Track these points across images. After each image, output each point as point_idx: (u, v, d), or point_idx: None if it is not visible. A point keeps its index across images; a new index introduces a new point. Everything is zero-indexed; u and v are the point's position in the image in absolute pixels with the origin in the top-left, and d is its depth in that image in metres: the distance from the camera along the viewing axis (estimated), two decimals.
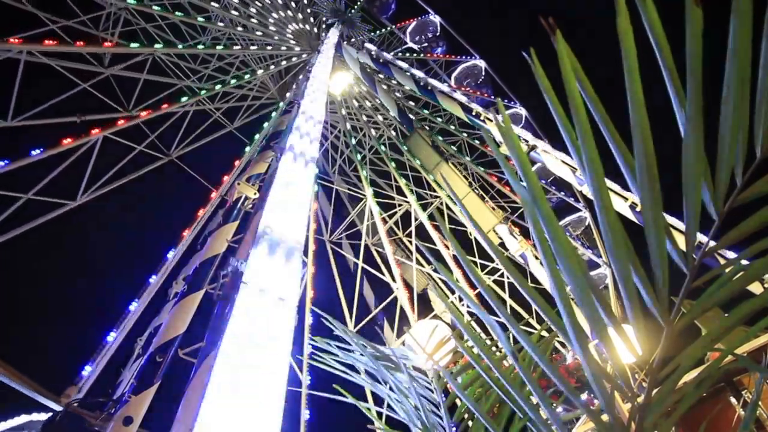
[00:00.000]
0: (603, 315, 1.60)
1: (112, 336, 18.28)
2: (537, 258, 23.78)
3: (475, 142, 31.14)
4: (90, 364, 17.26)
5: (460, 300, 22.48)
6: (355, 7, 32.71)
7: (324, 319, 3.33)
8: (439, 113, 31.81)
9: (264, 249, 11.47)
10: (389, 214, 28.83)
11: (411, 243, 28.20)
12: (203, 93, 25.02)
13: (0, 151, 18.41)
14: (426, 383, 3.04)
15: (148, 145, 23.34)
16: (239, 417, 8.34)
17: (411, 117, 30.58)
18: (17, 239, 18.16)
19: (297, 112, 18.88)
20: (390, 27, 35.73)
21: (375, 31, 35.11)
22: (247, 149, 24.32)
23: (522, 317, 24.40)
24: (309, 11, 31.04)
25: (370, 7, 35.38)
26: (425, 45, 36.01)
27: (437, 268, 2.03)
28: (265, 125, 24.41)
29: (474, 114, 25.97)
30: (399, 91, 31.94)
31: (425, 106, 32.31)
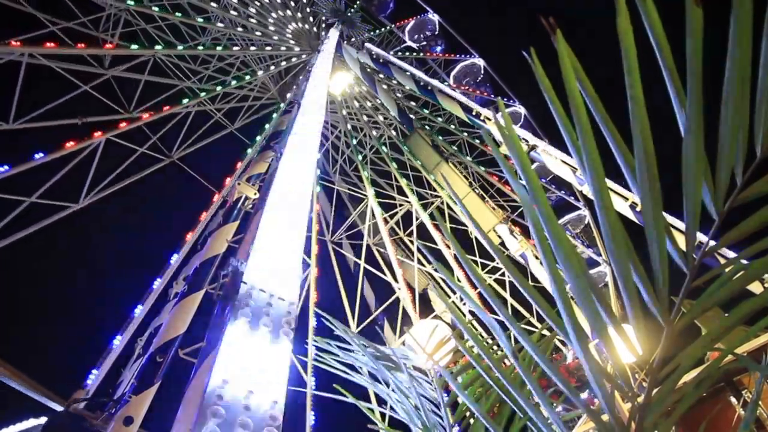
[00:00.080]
0: (603, 315, 1.60)
1: (117, 341, 18.36)
2: (537, 258, 23.78)
3: (476, 141, 31.10)
4: (96, 369, 17.34)
5: (461, 300, 22.46)
6: (354, 7, 32.67)
7: (324, 320, 3.33)
8: (439, 113, 31.78)
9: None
10: (390, 214, 28.83)
11: (412, 243, 28.20)
12: (203, 95, 25.01)
13: (2, 154, 18.44)
14: (426, 383, 3.04)
15: (149, 147, 23.35)
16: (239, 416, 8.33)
17: (411, 117, 30.58)
18: (20, 241, 18.20)
19: (297, 112, 18.89)
20: (390, 26, 35.70)
21: (375, 30, 35.07)
22: (249, 151, 24.33)
23: (523, 316, 24.38)
24: (308, 10, 31.02)
25: (368, 6, 35.35)
26: (424, 44, 35.97)
27: (437, 267, 2.03)
28: (266, 127, 24.42)
29: (474, 114, 25.95)
30: (399, 91, 31.93)
31: (425, 105, 32.28)
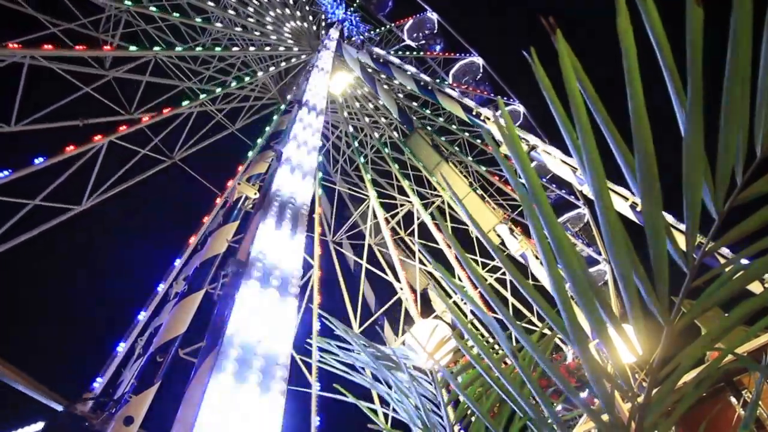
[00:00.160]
0: (603, 315, 1.60)
1: (121, 347, 18.42)
2: (537, 258, 23.78)
3: (477, 142, 31.08)
4: (101, 376, 17.41)
5: (462, 300, 22.43)
6: (354, 6, 32.65)
7: (325, 319, 3.33)
8: (440, 112, 31.76)
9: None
10: (391, 214, 28.81)
11: (412, 242, 28.18)
12: (203, 97, 24.98)
13: (3, 157, 18.46)
14: (427, 383, 3.04)
15: (150, 148, 23.35)
16: (239, 418, 8.35)
17: (411, 117, 30.56)
18: (22, 243, 18.20)
19: (297, 112, 18.89)
20: (389, 25, 35.67)
21: (375, 30, 35.03)
22: (250, 154, 24.35)
23: (524, 315, 24.36)
24: (307, 8, 30.98)
25: (367, 5, 35.31)
26: (423, 42, 35.93)
27: (436, 268, 2.03)
28: (267, 129, 24.45)
29: (474, 114, 25.95)
30: (400, 92, 31.91)
31: (425, 104, 32.26)
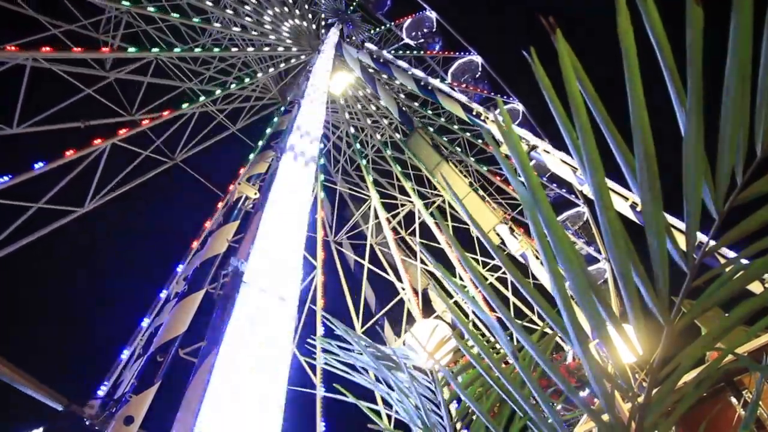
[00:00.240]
0: (603, 314, 1.59)
1: (125, 354, 18.48)
2: (537, 258, 23.76)
3: (478, 142, 31.04)
4: (106, 382, 17.46)
5: (463, 300, 22.41)
6: (353, 5, 32.62)
7: (327, 320, 3.33)
8: (440, 112, 31.73)
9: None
10: (392, 214, 28.80)
11: (413, 242, 28.17)
12: (202, 99, 24.95)
13: (5, 158, 18.46)
14: (427, 383, 3.04)
15: (152, 150, 23.34)
16: (239, 417, 8.34)
17: (411, 117, 30.54)
18: (23, 245, 18.23)
19: (297, 112, 18.89)
20: (388, 24, 35.65)
21: (376, 29, 35.00)
22: (251, 156, 24.33)
23: (525, 314, 24.34)
24: (307, 7, 30.95)
25: (365, 3, 35.27)
26: (421, 41, 35.90)
27: (437, 267, 2.03)
28: (268, 131, 24.45)
29: (474, 113, 25.94)
30: (400, 92, 31.89)
31: (425, 104, 32.23)
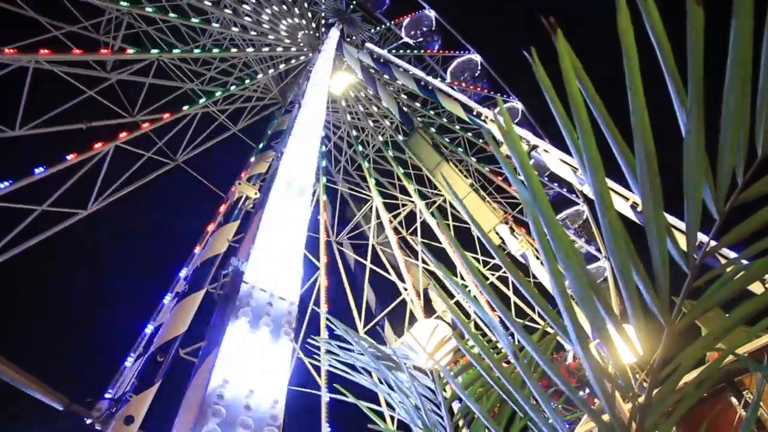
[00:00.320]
0: (604, 314, 1.59)
1: (129, 362, 18.50)
2: (538, 258, 23.75)
3: (479, 141, 31.03)
4: (111, 389, 17.49)
5: (464, 300, 22.39)
6: (353, 4, 32.62)
7: (329, 321, 3.33)
8: (440, 111, 31.72)
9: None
10: (394, 214, 28.79)
11: (414, 242, 28.17)
12: (203, 101, 24.94)
13: (8, 160, 18.49)
14: (427, 383, 3.04)
15: (154, 151, 23.35)
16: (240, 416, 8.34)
17: (411, 117, 30.54)
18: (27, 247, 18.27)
19: (298, 111, 18.91)
20: (387, 24, 35.63)
21: (376, 28, 35.00)
22: (253, 159, 24.31)
23: (525, 313, 24.32)
24: (306, 6, 30.93)
25: (364, 2, 35.25)
26: (420, 40, 35.87)
27: (438, 267, 2.03)
28: (269, 134, 24.46)
29: (475, 114, 25.95)
30: (401, 92, 31.89)
31: (425, 103, 32.23)
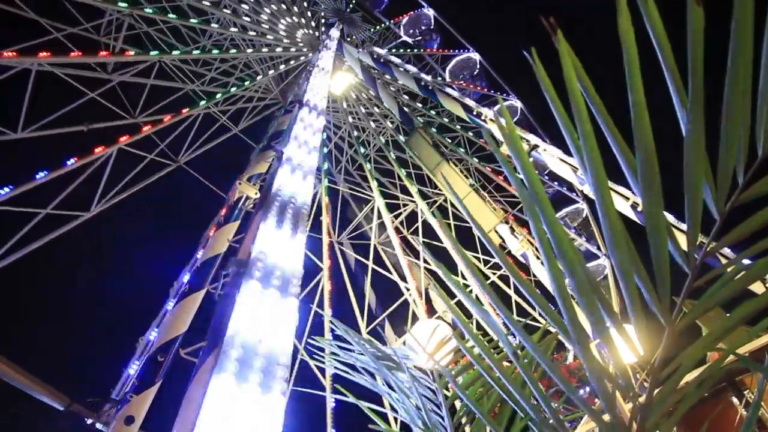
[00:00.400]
0: (604, 314, 1.59)
1: (132, 369, 18.44)
2: (538, 258, 23.73)
3: (479, 141, 31.01)
4: (115, 395, 17.45)
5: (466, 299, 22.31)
6: (352, 4, 32.61)
7: (331, 322, 3.33)
8: (440, 111, 31.69)
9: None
10: (395, 214, 28.78)
11: (415, 242, 28.14)
12: (203, 103, 24.91)
13: (10, 162, 18.43)
14: (428, 383, 3.03)
15: (156, 153, 23.32)
16: (240, 418, 8.35)
17: (411, 117, 30.53)
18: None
19: (298, 112, 18.91)
20: (386, 23, 35.58)
21: (376, 27, 34.97)
22: (252, 159, 24.25)
23: (527, 312, 24.24)
24: (305, 5, 30.91)
25: (363, 1, 35.21)
26: (419, 38, 35.82)
27: (438, 267, 2.03)
28: (269, 133, 24.44)
29: (475, 114, 25.94)
30: (402, 92, 31.88)
31: (425, 102, 32.21)
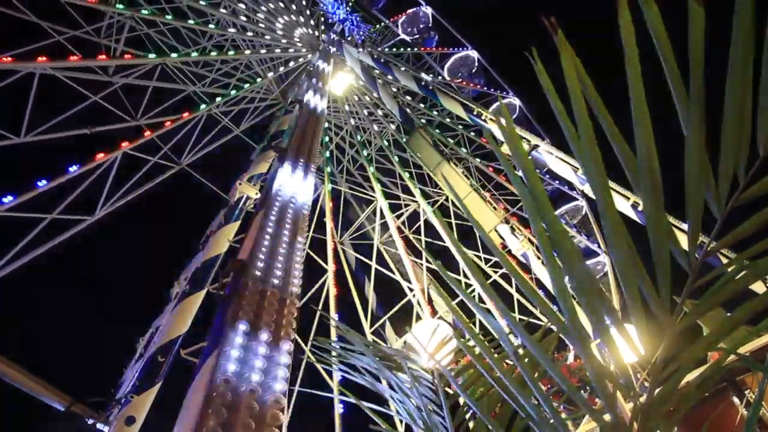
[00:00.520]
0: (605, 314, 1.59)
1: (134, 369, 18.45)
2: (539, 258, 23.72)
3: (479, 139, 31.03)
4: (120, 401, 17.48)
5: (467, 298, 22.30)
6: (351, 3, 32.60)
7: (326, 319, 3.33)
8: (440, 110, 31.70)
9: None
10: (397, 214, 28.79)
11: (416, 241, 28.16)
12: (203, 107, 24.88)
13: (12, 164, 18.40)
14: (428, 383, 3.04)
15: (159, 156, 23.27)
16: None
17: (412, 116, 30.54)
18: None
19: (298, 111, 18.92)
20: (385, 22, 35.55)
21: (376, 26, 34.98)
22: (253, 159, 24.25)
23: (529, 311, 24.19)
24: (304, 3, 30.91)
25: (361, 0, 35.18)
26: (417, 37, 35.80)
27: (438, 267, 2.03)
28: (270, 133, 24.44)
29: (476, 113, 25.94)
30: (400, 90, 31.89)
31: (424, 101, 32.22)
